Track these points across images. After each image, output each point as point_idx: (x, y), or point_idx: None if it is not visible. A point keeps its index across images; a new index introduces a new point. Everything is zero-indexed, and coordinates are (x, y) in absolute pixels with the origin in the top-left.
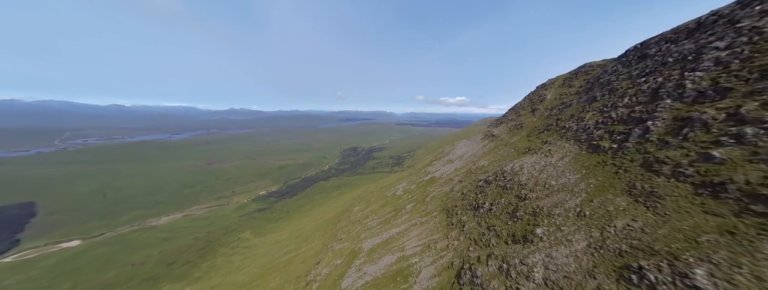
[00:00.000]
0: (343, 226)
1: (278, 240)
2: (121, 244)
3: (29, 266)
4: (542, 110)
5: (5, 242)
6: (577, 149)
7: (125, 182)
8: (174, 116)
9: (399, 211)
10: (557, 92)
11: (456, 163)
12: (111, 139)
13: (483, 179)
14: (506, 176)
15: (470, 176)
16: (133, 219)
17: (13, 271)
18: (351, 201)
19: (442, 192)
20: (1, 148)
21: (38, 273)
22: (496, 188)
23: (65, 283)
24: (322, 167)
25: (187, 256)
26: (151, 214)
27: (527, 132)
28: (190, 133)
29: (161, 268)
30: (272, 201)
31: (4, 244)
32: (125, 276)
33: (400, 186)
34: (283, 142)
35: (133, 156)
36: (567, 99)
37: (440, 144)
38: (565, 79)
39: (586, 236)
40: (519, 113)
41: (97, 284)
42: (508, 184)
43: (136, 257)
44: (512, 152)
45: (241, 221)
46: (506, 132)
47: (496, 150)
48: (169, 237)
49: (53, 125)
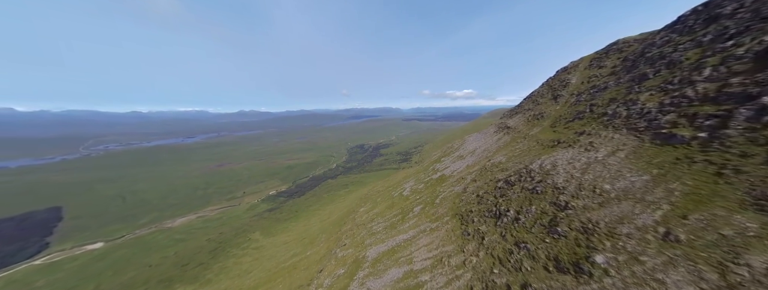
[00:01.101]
0: (347, 229)
1: (286, 241)
2: (140, 246)
3: (56, 268)
4: (567, 96)
5: (36, 245)
6: (634, 140)
7: (142, 186)
8: (187, 120)
9: (406, 214)
10: (584, 75)
11: (467, 159)
12: (129, 144)
13: (503, 180)
14: (534, 176)
15: (486, 174)
16: (151, 221)
17: (42, 273)
18: (357, 201)
19: (454, 193)
20: (31, 156)
21: (64, 275)
22: (522, 191)
23: (89, 285)
24: (329, 165)
25: (200, 257)
26: (167, 216)
27: (551, 122)
28: (201, 136)
29: (175, 270)
30: (281, 201)
31: (35, 247)
32: (143, 277)
33: (407, 185)
34: (291, 142)
35: (149, 160)
36: (599, 81)
37: (448, 138)
38: (592, 60)
39: (691, 277)
40: (537, 102)
41: (117, 285)
42: (538, 187)
43: (153, 258)
44: (535, 146)
45: (252, 221)
46: (524, 123)
47: (513, 144)
48: (184, 239)
49: (78, 133)
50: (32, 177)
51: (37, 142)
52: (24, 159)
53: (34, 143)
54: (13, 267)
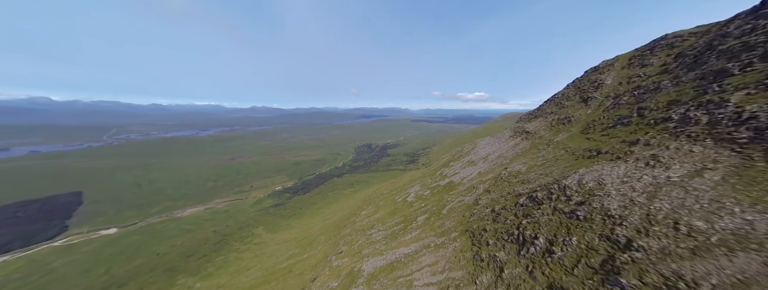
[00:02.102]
0: (346, 234)
1: (287, 239)
2: (151, 233)
3: (73, 250)
4: (601, 98)
5: (57, 227)
6: (733, 157)
7: (158, 175)
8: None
9: (409, 223)
10: (623, 75)
11: (479, 165)
12: (149, 135)
13: (526, 194)
14: (571, 195)
15: (502, 185)
16: (163, 210)
17: (60, 254)
18: (359, 203)
19: (464, 204)
20: (61, 142)
21: (80, 257)
22: (554, 213)
23: (101, 268)
24: (336, 163)
25: (205, 249)
26: (178, 206)
27: (581, 128)
28: (216, 129)
29: (180, 260)
30: (287, 197)
31: (55, 229)
32: (150, 265)
33: (412, 190)
34: (300, 138)
35: (166, 151)
36: (646, 81)
37: (457, 141)
38: (631, 58)
39: None
40: (561, 105)
41: (126, 271)
42: (579, 210)
43: (161, 247)
44: (564, 155)
45: (257, 216)
46: (546, 128)
47: (533, 151)
48: (192, 229)
49: (104, 123)
50: (59, 162)
51: (68, 129)
52: (55, 145)
53: (66, 130)
54: (34, 247)
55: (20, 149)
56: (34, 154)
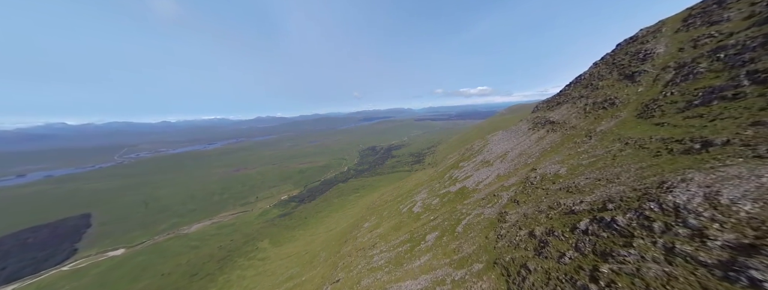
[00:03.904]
0: (346, 253)
1: (289, 253)
2: (157, 253)
3: (81, 274)
4: (654, 71)
5: (66, 251)
6: None
7: (164, 192)
8: (209, 128)
9: (417, 244)
10: (682, 40)
11: (497, 166)
12: (158, 152)
13: (590, 215)
14: (704, 227)
15: (535, 193)
16: (169, 227)
17: (68, 279)
18: (363, 212)
19: (485, 219)
20: (73, 165)
21: (88, 281)
22: (676, 263)
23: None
24: (341, 168)
25: (209, 267)
26: (185, 222)
27: (635, 111)
28: (221, 142)
29: (184, 280)
30: (293, 206)
31: (65, 253)
32: (155, 286)
33: (419, 198)
34: (304, 146)
35: (173, 167)
36: (731, 41)
37: (464, 138)
38: (686, 18)
39: None
40: (594, 86)
41: None
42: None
43: (167, 266)
44: (628, 151)
45: (262, 228)
46: (578, 115)
47: (569, 146)
48: (198, 246)
49: (115, 143)
50: (70, 185)
51: (81, 152)
52: (67, 168)
53: (78, 153)
54: (44, 273)
55: (35, 175)
56: (48, 178)
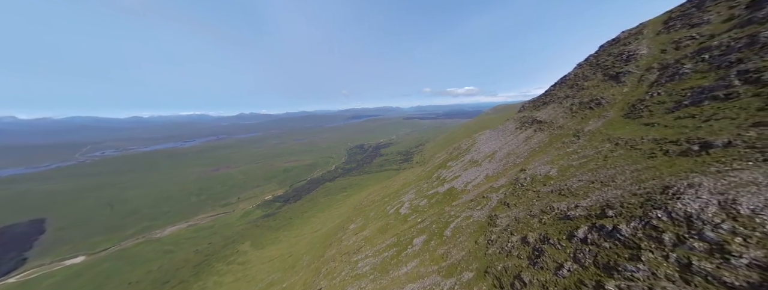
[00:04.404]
0: (330, 257)
1: (272, 257)
2: (124, 259)
3: (30, 286)
4: (639, 72)
5: (13, 261)
6: None
7: (133, 193)
8: (187, 124)
9: (403, 248)
10: (663, 41)
11: (485, 166)
12: (126, 150)
13: (588, 222)
14: (724, 242)
15: (525, 195)
16: (139, 231)
17: None
18: (349, 212)
19: (474, 223)
20: (25, 164)
21: None
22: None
23: None
24: (328, 167)
25: (183, 273)
26: (157, 225)
27: (622, 111)
28: (200, 139)
29: (154, 289)
30: (277, 206)
31: (11, 263)
32: None
33: (406, 199)
34: (290, 144)
35: (143, 166)
36: (713, 42)
37: (451, 137)
38: (667, 21)
39: None
40: (580, 86)
41: None
42: None
43: (135, 273)
44: (620, 152)
45: (244, 230)
46: (565, 115)
47: (557, 146)
48: (171, 250)
49: (77, 140)
50: (20, 186)
51: (34, 149)
52: (15, 168)
53: (31, 150)
54: None
55: None
56: None
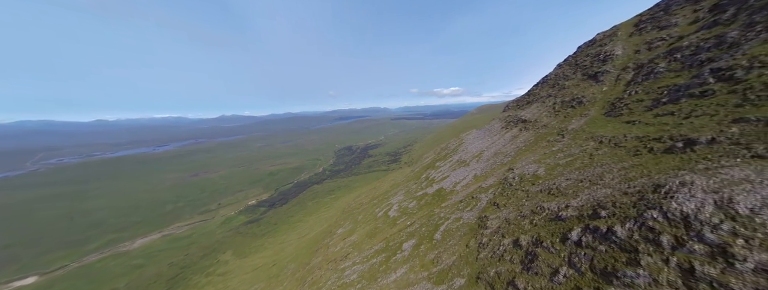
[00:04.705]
0: (316, 265)
1: (255, 266)
2: (86, 277)
3: None
4: (615, 71)
5: None
6: None
7: (97, 204)
8: (161, 128)
9: (392, 254)
10: (636, 43)
11: (473, 166)
12: (89, 156)
13: (581, 223)
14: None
15: (514, 195)
16: (104, 244)
17: None
18: (337, 215)
19: (465, 225)
20: None
21: None
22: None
23: None
24: (315, 169)
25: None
26: (126, 237)
27: (602, 110)
28: (176, 144)
29: None
30: (262, 212)
31: None
32: None
33: (395, 201)
34: (275, 146)
35: (109, 173)
36: (684, 43)
37: (438, 137)
38: (638, 24)
39: None
40: (561, 86)
41: None
42: None
43: None
44: (604, 151)
45: (225, 238)
46: (549, 114)
47: (543, 145)
48: (142, 264)
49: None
50: None
51: None
52: None
53: None
54: None
55: None
56: None
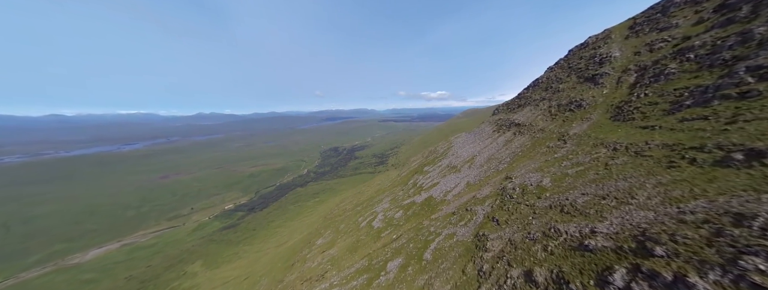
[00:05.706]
0: (290, 283)
1: (226, 279)
2: None
3: None
4: (615, 74)
5: None
6: None
7: (42, 210)
8: (128, 125)
9: (375, 276)
10: (636, 44)
11: (465, 172)
12: (38, 155)
13: (624, 256)
14: None
15: (516, 209)
16: (49, 257)
17: None
18: (319, 223)
19: (459, 243)
20: None
21: None
22: None
23: None
24: (300, 171)
25: None
26: (77, 248)
27: (607, 114)
28: (144, 142)
29: None
30: (239, 217)
31: None
32: None
33: (380, 208)
34: (257, 146)
35: (61, 175)
36: (690, 44)
37: (426, 140)
38: (632, 26)
39: None
40: (555, 89)
41: None
42: None
43: None
44: (625, 160)
45: (196, 247)
46: (545, 118)
47: (542, 151)
48: (94, 279)
49: None
50: None
51: None
52: None
53: None
54: None
55: None
56: None
